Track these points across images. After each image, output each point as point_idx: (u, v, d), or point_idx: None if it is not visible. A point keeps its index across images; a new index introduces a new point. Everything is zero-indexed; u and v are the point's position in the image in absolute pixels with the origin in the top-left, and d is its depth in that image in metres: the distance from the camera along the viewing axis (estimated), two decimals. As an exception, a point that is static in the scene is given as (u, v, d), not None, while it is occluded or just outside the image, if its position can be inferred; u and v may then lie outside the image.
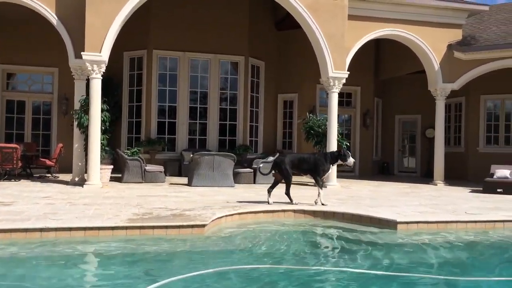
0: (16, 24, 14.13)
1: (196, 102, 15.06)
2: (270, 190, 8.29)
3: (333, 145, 11.85)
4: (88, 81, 10.82)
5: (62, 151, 12.75)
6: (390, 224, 6.94)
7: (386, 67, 17.19)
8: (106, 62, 10.62)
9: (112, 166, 12.08)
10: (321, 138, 12.37)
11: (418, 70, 14.77)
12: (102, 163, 11.14)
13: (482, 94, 15.35)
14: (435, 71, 13.66)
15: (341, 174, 13.69)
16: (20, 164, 11.71)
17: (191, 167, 11.51)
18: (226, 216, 7.08)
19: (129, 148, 13.29)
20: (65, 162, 12.96)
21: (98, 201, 8.15)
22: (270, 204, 8.09)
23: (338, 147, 11.96)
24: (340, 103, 13.23)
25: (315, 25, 11.72)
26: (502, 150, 14.97)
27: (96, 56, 10.42)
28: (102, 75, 10.69)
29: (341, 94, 13.58)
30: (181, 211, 7.11)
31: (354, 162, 8.24)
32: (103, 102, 11.02)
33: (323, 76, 12.11)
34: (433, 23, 13.53)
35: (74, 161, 11.16)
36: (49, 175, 12.77)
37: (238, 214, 7.34)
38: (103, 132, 11.10)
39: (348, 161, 8.17)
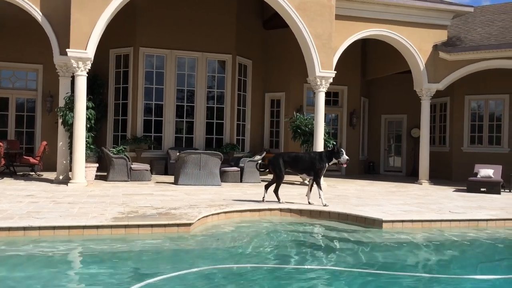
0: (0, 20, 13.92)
1: (183, 100, 14.99)
2: (268, 187, 8.39)
3: (320, 144, 11.89)
4: (73, 78, 10.70)
5: (46, 149, 12.59)
6: (375, 223, 6.99)
7: (372, 67, 17.32)
8: (92, 59, 10.51)
9: (97, 165, 11.95)
10: (308, 137, 12.41)
11: (404, 70, 14.91)
12: (87, 161, 11.02)
13: (467, 95, 15.55)
14: (421, 72, 13.79)
15: (327, 174, 13.71)
16: (3, 162, 11.54)
17: (178, 166, 11.45)
18: (212, 214, 7.06)
19: (114, 146, 13.18)
20: (49, 160, 12.81)
21: (82, 199, 8.06)
22: (264, 202, 8.16)
23: (325, 147, 12.02)
24: (327, 103, 13.30)
25: (303, 24, 11.75)
26: (486, 150, 15.18)
27: (81, 53, 10.30)
28: (87, 73, 10.57)
29: (328, 94, 13.66)
30: (167, 210, 7.07)
31: (348, 159, 8.14)
32: (89, 99, 10.91)
33: (310, 75, 12.15)
34: (419, 24, 13.66)
35: (58, 159, 11.03)
36: (33, 173, 12.60)
37: (224, 212, 7.32)
38: (88, 130, 10.98)
39: (342, 158, 8.05)
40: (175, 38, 14.61)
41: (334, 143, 12.36)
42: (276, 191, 8.30)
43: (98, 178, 11.96)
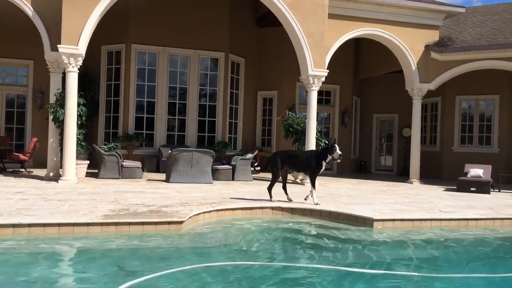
0: (-11, 14, 13.75)
1: (175, 97, 14.93)
2: (285, 188, 8.50)
3: (311, 143, 11.92)
4: (64, 74, 10.60)
5: (36, 146, 12.48)
6: (366, 221, 7.02)
7: (365, 67, 17.38)
8: (83, 55, 10.42)
9: (88, 162, 11.88)
10: (300, 136, 12.42)
11: (396, 70, 14.97)
12: (78, 158, 10.95)
13: (457, 95, 15.66)
14: (412, 71, 13.87)
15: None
16: (-8, 158, 11.42)
17: (169, 163, 11.42)
18: (203, 213, 7.04)
19: (106, 143, 13.09)
20: (39, 156, 12.70)
21: (73, 196, 8.00)
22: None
23: (317, 145, 12.05)
24: (319, 101, 13.32)
25: (296, 23, 11.76)
26: (476, 150, 15.31)
27: (72, 49, 10.21)
28: (78, 69, 10.48)
29: (320, 92, 13.66)
30: (158, 208, 7.05)
31: (341, 155, 8.10)
32: (80, 96, 10.83)
33: (303, 74, 12.16)
34: (411, 24, 13.73)
35: (49, 156, 10.94)
36: (22, 170, 12.48)
37: (216, 211, 7.31)
38: (79, 126, 10.91)
39: (335, 153, 7.99)
40: (168, 35, 14.54)
41: (326, 142, 12.37)
42: (270, 189, 8.31)
43: (89, 175, 11.89)
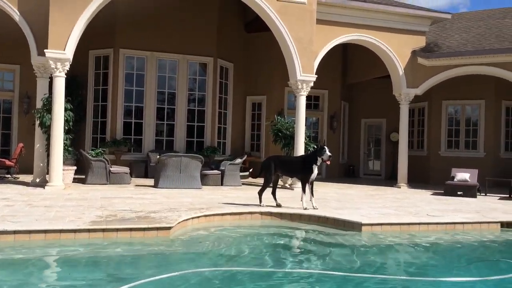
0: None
1: (163, 102, 14.88)
2: (273, 193, 8.46)
3: (300, 147, 11.95)
4: (51, 79, 10.51)
5: (22, 151, 12.33)
6: (355, 226, 7.05)
7: (353, 72, 17.50)
8: (70, 60, 10.35)
9: (75, 167, 11.77)
10: (289, 141, 12.45)
11: (384, 75, 15.10)
12: (65, 164, 10.84)
13: (444, 100, 15.84)
14: (400, 77, 14.00)
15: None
16: (-23, 164, 11.25)
17: (158, 169, 11.36)
18: (192, 218, 7.01)
19: (93, 148, 12.99)
20: (25, 162, 12.54)
21: (60, 203, 7.91)
22: (279, 207, 8.22)
23: (305, 150, 12.08)
24: (308, 106, 13.38)
25: (284, 28, 11.81)
26: (463, 154, 15.48)
27: (60, 53, 10.13)
28: (66, 74, 10.40)
29: (309, 97, 13.72)
30: (146, 213, 7.00)
31: (330, 156, 8.09)
32: (67, 101, 10.74)
33: (292, 79, 12.20)
34: (398, 30, 13.88)
35: (35, 161, 10.82)
36: (8, 176, 12.31)
37: (205, 216, 7.28)
38: (67, 132, 10.80)
39: (325, 155, 7.99)
40: (156, 40, 14.51)
41: (315, 147, 12.40)
42: (260, 193, 8.31)
43: (76, 181, 11.77)
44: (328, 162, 8.20)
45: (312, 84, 12.20)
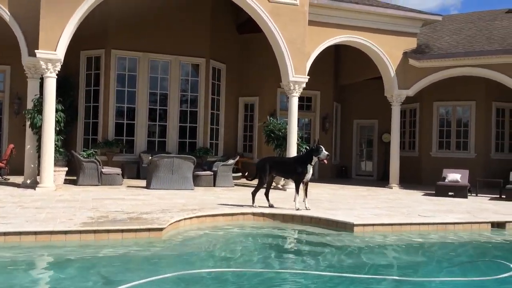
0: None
1: (156, 103, 14.83)
2: (267, 194, 8.44)
3: (293, 148, 11.96)
4: (42, 80, 10.43)
5: (13, 152, 12.22)
6: (347, 226, 7.07)
7: (345, 73, 17.56)
8: (62, 60, 10.28)
9: (66, 168, 11.69)
10: (281, 142, 12.46)
11: (375, 76, 15.17)
12: (56, 165, 10.77)
13: (435, 101, 15.94)
14: (391, 78, 14.08)
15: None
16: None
17: (150, 170, 11.31)
18: (184, 219, 6.99)
19: (85, 149, 12.90)
20: (16, 163, 12.42)
21: (51, 204, 7.86)
22: (272, 207, 8.20)
23: (298, 151, 12.10)
24: (300, 107, 13.39)
25: (277, 30, 11.82)
26: (454, 155, 15.59)
27: (51, 54, 10.07)
28: (57, 74, 10.33)
29: (301, 98, 13.73)
30: (138, 215, 6.97)
31: (328, 155, 8.10)
32: (58, 102, 10.66)
33: (284, 80, 12.22)
34: (389, 31, 13.96)
35: (26, 162, 10.73)
36: (-1, 177, 12.21)
37: (197, 217, 7.27)
38: (58, 133, 10.73)
39: (322, 154, 7.97)
40: (148, 41, 14.45)
41: (307, 148, 12.41)
42: (254, 193, 8.30)
43: (67, 182, 11.69)
44: (325, 161, 8.20)
45: (304, 85, 12.23)
